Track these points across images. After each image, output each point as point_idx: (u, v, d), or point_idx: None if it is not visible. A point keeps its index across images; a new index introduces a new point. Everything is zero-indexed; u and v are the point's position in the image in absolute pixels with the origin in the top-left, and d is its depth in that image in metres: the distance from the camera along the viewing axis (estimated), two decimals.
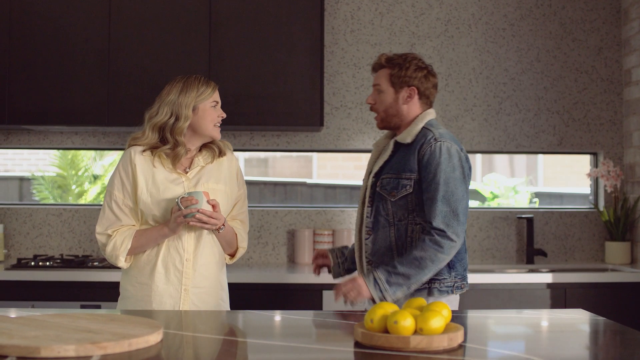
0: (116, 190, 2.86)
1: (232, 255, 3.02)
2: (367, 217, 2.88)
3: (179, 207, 2.73)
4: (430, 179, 2.76)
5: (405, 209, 2.82)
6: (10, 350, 1.76)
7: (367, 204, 2.88)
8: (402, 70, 2.91)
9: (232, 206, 3.00)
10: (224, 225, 2.84)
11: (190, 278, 2.84)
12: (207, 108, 2.88)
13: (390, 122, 2.96)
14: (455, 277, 2.83)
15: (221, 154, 2.98)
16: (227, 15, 4.23)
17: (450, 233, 2.72)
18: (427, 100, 2.96)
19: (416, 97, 2.92)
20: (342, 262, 3.16)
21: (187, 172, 2.90)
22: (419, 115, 2.92)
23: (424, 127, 2.88)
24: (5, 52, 4.19)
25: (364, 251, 2.89)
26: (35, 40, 4.20)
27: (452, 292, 2.83)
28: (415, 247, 2.73)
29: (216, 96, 2.93)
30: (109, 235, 2.84)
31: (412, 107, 2.93)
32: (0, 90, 4.18)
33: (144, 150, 2.88)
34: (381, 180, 2.87)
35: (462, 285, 2.86)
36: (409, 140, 2.85)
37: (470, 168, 2.88)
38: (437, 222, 2.72)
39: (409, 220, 2.82)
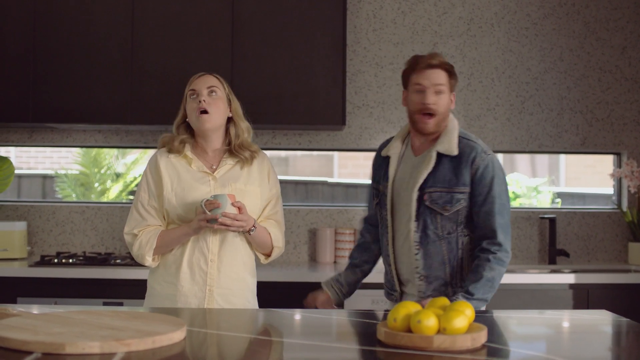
0: (142, 191, 2.92)
1: (267, 255, 3.01)
2: (414, 231, 2.85)
3: (203, 210, 2.74)
4: (485, 193, 2.81)
5: (455, 222, 2.84)
6: (35, 347, 1.77)
7: (413, 218, 2.85)
8: (454, 76, 2.91)
9: (264, 206, 2.98)
10: (254, 227, 2.83)
11: (215, 279, 2.85)
12: (188, 100, 2.92)
13: (440, 128, 2.90)
14: None
15: (251, 159, 2.96)
16: (250, 15, 4.23)
17: (507, 245, 2.81)
18: None
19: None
20: (339, 289, 3.13)
21: (214, 171, 2.91)
22: (451, 123, 2.92)
23: (461, 137, 2.87)
24: (29, 50, 4.22)
25: (414, 267, 2.87)
26: (59, 39, 4.23)
27: None
28: (482, 267, 2.76)
29: (196, 84, 2.92)
30: (135, 235, 2.88)
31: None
32: (24, 89, 4.21)
33: (169, 152, 2.92)
34: (430, 195, 2.83)
35: None
36: (456, 152, 2.83)
37: None
38: (499, 235, 2.79)
39: (458, 233, 2.85)
